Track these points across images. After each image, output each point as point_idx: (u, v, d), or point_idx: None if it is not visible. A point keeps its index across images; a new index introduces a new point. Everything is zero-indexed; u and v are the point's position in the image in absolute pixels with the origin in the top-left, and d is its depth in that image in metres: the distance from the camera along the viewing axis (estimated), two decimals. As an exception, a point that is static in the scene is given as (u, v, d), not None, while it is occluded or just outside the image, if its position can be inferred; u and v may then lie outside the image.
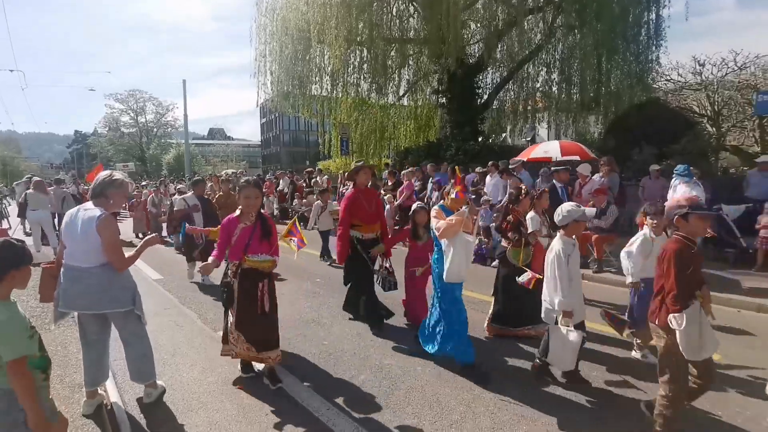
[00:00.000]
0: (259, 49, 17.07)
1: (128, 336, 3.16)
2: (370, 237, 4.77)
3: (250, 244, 3.38)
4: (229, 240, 3.43)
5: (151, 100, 56.20)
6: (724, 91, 17.95)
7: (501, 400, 3.28)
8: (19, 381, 1.86)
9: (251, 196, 3.42)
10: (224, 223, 3.48)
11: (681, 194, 6.26)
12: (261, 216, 3.49)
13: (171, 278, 7.20)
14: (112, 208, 3.12)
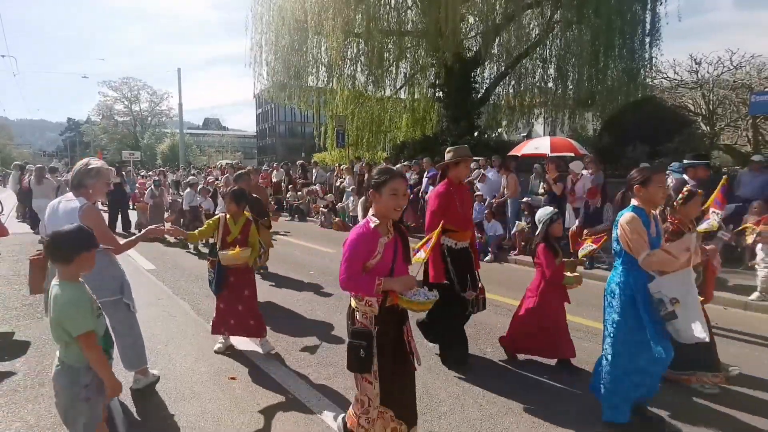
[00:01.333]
0: (255, 39, 16.95)
1: (117, 324, 3.17)
2: (463, 246, 3.81)
3: (394, 269, 2.25)
4: (363, 263, 2.17)
5: (145, 89, 55.72)
6: (719, 90, 18.05)
7: (490, 392, 3.34)
8: (92, 353, 2.07)
9: (400, 191, 2.16)
10: (356, 238, 2.18)
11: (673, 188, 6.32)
12: (398, 225, 2.32)
13: (164, 268, 7.20)
14: (94, 198, 3.09)
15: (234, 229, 4.01)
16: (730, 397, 3.27)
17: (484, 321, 4.91)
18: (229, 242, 3.98)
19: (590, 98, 14.15)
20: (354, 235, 2.21)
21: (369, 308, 2.23)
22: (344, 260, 2.17)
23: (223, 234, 4.00)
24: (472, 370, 3.70)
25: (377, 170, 2.30)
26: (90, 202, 3.00)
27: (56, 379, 2.16)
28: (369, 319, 2.24)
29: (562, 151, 9.15)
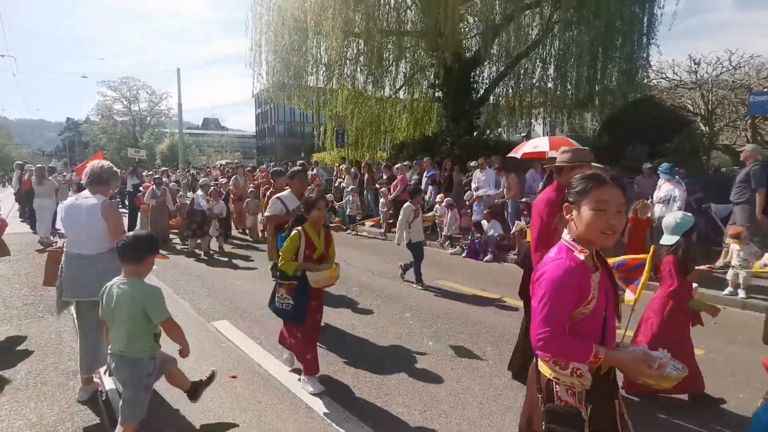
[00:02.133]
0: (255, 39, 16.91)
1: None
2: None
3: (608, 321, 1.57)
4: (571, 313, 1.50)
5: (144, 88, 55.67)
6: (718, 90, 18.11)
7: (488, 392, 3.36)
8: (175, 330, 2.64)
9: (612, 205, 1.49)
10: (561, 275, 1.48)
11: (664, 191, 6.36)
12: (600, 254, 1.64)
13: (164, 268, 7.20)
14: (109, 196, 3.26)
15: (318, 243, 3.35)
16: None
17: (484, 320, 4.94)
18: (315, 259, 3.35)
19: (589, 98, 14.17)
20: (555, 270, 1.50)
21: (578, 380, 1.50)
22: (541, 308, 1.49)
23: (308, 251, 3.31)
24: (472, 369, 3.73)
25: (577, 177, 1.60)
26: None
27: (117, 372, 2.51)
28: (577, 395, 1.52)
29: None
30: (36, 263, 7.35)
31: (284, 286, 3.33)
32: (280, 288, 3.36)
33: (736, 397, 3.32)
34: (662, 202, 6.34)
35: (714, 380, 3.55)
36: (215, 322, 4.75)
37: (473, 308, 5.37)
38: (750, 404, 3.21)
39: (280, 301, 3.36)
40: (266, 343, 4.22)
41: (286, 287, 3.32)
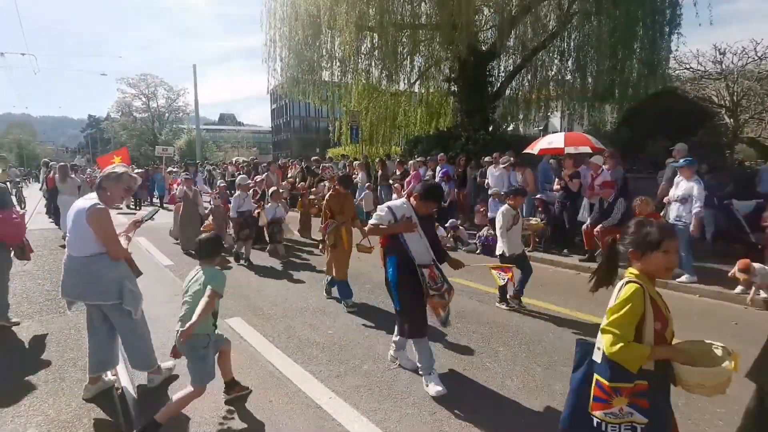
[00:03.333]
0: (269, 35, 16.97)
1: (120, 327, 3.22)
2: None
3: None
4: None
5: (162, 85, 56.43)
6: (743, 81, 17.50)
7: (501, 393, 3.33)
8: (209, 305, 2.83)
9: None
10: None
11: (682, 189, 6.14)
12: None
13: (181, 264, 7.33)
14: (111, 201, 3.14)
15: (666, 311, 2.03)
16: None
17: (497, 320, 4.89)
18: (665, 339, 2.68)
19: (609, 91, 13.83)
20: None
21: None
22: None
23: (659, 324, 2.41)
24: (485, 370, 3.69)
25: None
26: (105, 204, 3.07)
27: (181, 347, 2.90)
28: None
29: (577, 146, 8.98)
30: (59, 259, 7.53)
31: (622, 391, 1.81)
32: (613, 398, 1.81)
33: (758, 403, 3.21)
34: (680, 201, 6.12)
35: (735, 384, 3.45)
36: (229, 319, 4.80)
37: (486, 307, 5.32)
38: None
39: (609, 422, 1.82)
40: (278, 341, 4.25)
41: (626, 392, 1.81)
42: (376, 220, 3.52)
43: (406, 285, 3.40)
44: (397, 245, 3.44)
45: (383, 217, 3.49)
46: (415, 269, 3.38)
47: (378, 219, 3.51)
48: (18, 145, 67.43)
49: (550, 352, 4.02)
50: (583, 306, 5.21)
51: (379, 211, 3.56)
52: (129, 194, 3.44)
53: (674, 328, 3.54)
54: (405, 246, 3.42)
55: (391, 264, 3.46)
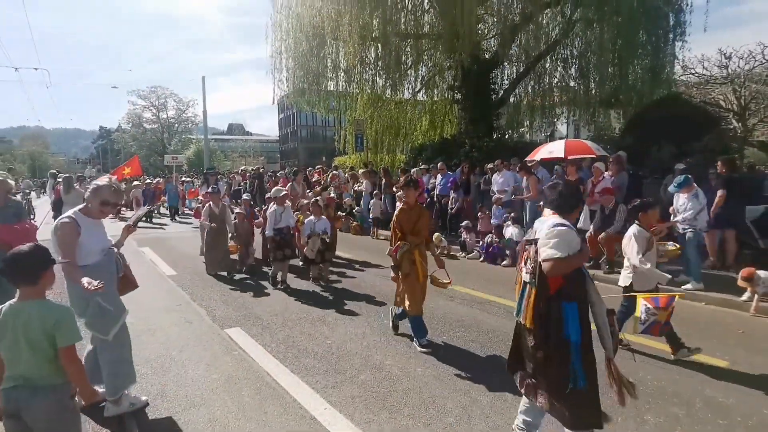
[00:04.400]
0: (275, 46, 17.19)
1: (94, 342, 3.17)
2: None
3: None
4: None
5: (172, 96, 57.27)
6: (751, 84, 17.34)
7: (498, 403, 3.29)
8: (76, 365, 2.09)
9: None
10: None
11: (681, 204, 6.10)
12: None
13: (184, 274, 7.37)
14: (91, 214, 3.05)
15: None
16: (753, 412, 3.11)
17: (498, 328, 4.84)
18: None
19: (614, 97, 13.77)
20: None
21: None
22: None
23: None
24: (480, 379, 3.65)
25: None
26: (90, 216, 3.03)
27: None
28: None
29: (578, 154, 8.94)
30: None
31: None
32: None
33: (761, 413, 3.14)
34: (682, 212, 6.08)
35: (739, 394, 3.38)
36: (228, 329, 4.81)
37: (487, 315, 5.28)
38: (776, 422, 3.03)
39: None
40: (276, 351, 4.25)
41: None
42: (561, 250, 2.28)
43: (590, 350, 2.38)
44: (579, 285, 2.40)
45: (571, 242, 2.33)
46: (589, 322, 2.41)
47: (563, 246, 2.29)
48: (31, 156, 68.72)
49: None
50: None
51: (555, 235, 2.31)
52: (106, 208, 3.10)
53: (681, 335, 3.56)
54: (587, 285, 2.42)
55: (573, 317, 2.34)
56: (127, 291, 3.40)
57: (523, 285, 2.53)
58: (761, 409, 3.19)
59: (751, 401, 3.31)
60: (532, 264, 2.42)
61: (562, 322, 2.34)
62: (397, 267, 4.30)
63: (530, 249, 2.46)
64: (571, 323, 2.34)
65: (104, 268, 3.02)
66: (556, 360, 2.36)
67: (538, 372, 2.46)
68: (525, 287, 2.51)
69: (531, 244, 2.47)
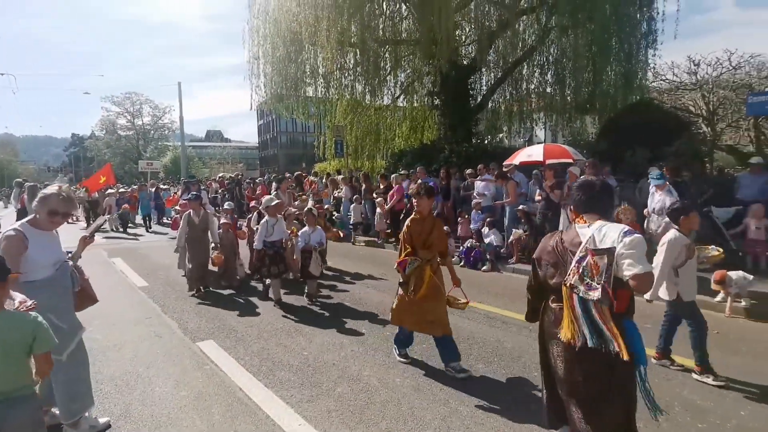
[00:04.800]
0: (252, 51, 17.02)
1: None
2: None
3: None
4: None
5: (147, 103, 56.12)
6: (719, 90, 17.93)
7: (477, 414, 3.20)
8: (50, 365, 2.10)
9: None
10: None
11: (657, 201, 6.19)
12: None
13: (156, 285, 7.11)
14: (39, 225, 2.81)
15: None
16: (730, 415, 3.11)
17: (476, 334, 4.79)
18: None
19: (589, 102, 14.04)
20: None
21: None
22: None
23: None
24: (461, 388, 3.58)
25: None
26: (38, 228, 2.79)
27: None
28: None
29: (556, 158, 9.04)
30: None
31: None
32: None
33: (738, 415, 3.14)
34: (658, 213, 6.16)
35: (716, 397, 3.39)
36: (200, 342, 4.62)
37: (466, 322, 5.21)
38: (752, 423, 3.04)
39: None
40: (250, 364, 4.09)
41: None
42: (647, 262, 2.05)
43: None
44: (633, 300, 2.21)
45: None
46: None
47: (645, 257, 2.06)
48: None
49: (529, 368, 3.92)
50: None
51: (637, 245, 2.03)
52: (55, 218, 2.81)
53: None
54: None
55: (638, 336, 2.16)
56: (86, 306, 3.20)
57: (583, 305, 2.12)
58: (739, 411, 3.19)
59: (728, 403, 3.32)
60: (605, 278, 2.04)
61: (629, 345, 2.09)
62: (405, 283, 3.86)
63: (599, 261, 2.06)
64: (638, 342, 2.11)
65: (57, 283, 2.81)
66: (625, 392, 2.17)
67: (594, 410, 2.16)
68: (587, 308, 2.10)
69: (601, 255, 2.06)
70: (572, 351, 2.16)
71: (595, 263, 2.08)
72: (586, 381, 2.17)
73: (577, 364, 2.18)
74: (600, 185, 2.31)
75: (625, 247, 2.02)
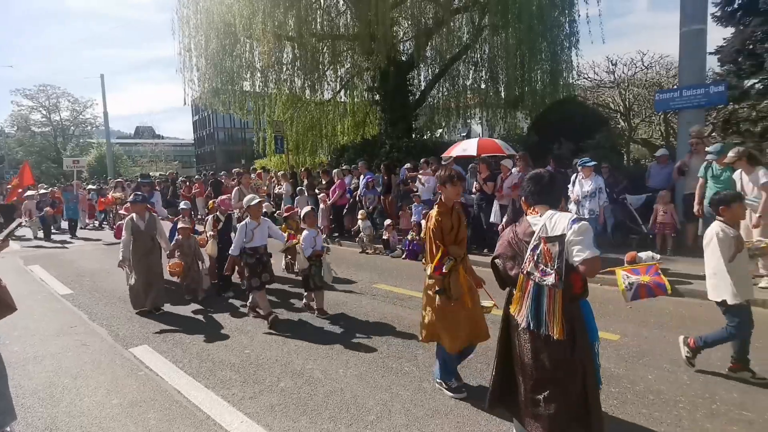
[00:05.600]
0: (184, 43, 16.15)
1: None
2: None
3: None
4: None
5: (65, 96, 51.46)
6: (634, 88, 19.62)
7: (417, 397, 3.35)
8: None
9: None
10: None
11: (587, 186, 6.73)
12: None
13: (82, 292, 6.64)
14: None
15: None
16: (638, 378, 3.48)
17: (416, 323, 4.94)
18: None
19: (520, 99, 14.80)
20: None
21: None
22: None
23: None
24: (402, 374, 3.71)
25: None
26: None
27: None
28: None
29: (489, 152, 9.48)
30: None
31: None
32: None
33: (646, 378, 3.52)
34: (588, 196, 6.70)
35: (628, 364, 3.77)
36: (133, 348, 4.41)
37: (409, 311, 5.37)
38: (657, 385, 3.42)
39: None
40: (189, 366, 3.97)
41: None
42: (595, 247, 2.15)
43: None
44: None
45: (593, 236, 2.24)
46: None
47: (594, 243, 2.17)
48: None
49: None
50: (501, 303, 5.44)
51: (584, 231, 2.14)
52: None
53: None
54: None
55: (590, 315, 2.41)
56: (3, 314, 2.96)
57: (536, 290, 2.26)
58: (646, 375, 3.58)
59: (638, 369, 3.71)
60: (557, 264, 2.16)
61: (584, 324, 2.26)
62: (445, 290, 3.22)
63: (551, 248, 2.18)
64: (590, 322, 2.28)
65: None
66: (583, 368, 2.25)
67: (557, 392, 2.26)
68: (541, 293, 2.24)
69: (553, 242, 2.18)
70: (538, 338, 2.30)
71: (548, 250, 2.20)
72: (552, 364, 2.28)
73: (545, 350, 2.30)
74: (548, 177, 2.42)
75: (574, 234, 2.14)
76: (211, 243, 6.33)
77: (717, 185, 5.83)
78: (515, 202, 7.31)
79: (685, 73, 8.32)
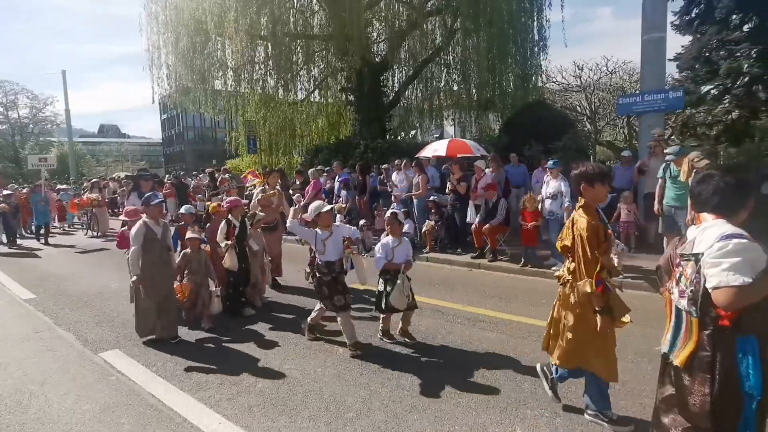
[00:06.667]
0: (152, 40, 15.75)
1: None
2: None
3: None
4: None
5: (24, 93, 49.03)
6: (599, 92, 20.37)
7: (396, 393, 3.41)
8: None
9: None
10: None
11: (552, 188, 6.95)
12: None
13: (46, 297, 6.39)
14: None
15: None
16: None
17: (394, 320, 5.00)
18: None
19: (491, 101, 15.13)
20: None
21: None
22: None
23: None
24: (380, 371, 3.77)
25: None
26: None
27: None
28: None
29: (459, 153, 9.68)
30: None
31: None
32: None
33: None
34: (551, 197, 6.91)
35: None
36: (103, 353, 4.29)
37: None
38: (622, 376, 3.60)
39: None
40: (163, 370, 3.91)
41: None
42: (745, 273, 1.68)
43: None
44: (756, 315, 1.78)
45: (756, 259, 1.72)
46: None
47: (746, 268, 1.69)
48: None
49: (443, 348, 4.23)
50: (474, 301, 5.58)
51: (732, 252, 1.71)
52: None
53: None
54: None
55: (754, 356, 1.78)
56: None
57: (677, 312, 1.96)
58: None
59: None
60: (692, 288, 1.84)
61: (735, 366, 1.79)
62: (610, 308, 2.75)
63: (686, 267, 1.87)
64: (752, 369, 1.77)
65: None
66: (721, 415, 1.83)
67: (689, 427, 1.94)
68: (680, 316, 1.94)
69: (688, 260, 1.87)
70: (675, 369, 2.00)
71: (683, 268, 1.91)
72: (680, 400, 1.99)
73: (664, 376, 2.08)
74: (718, 179, 1.90)
75: (713, 254, 1.74)
76: (230, 254, 5.05)
77: (674, 186, 6.15)
78: (488, 202, 7.48)
79: (646, 79, 8.72)
